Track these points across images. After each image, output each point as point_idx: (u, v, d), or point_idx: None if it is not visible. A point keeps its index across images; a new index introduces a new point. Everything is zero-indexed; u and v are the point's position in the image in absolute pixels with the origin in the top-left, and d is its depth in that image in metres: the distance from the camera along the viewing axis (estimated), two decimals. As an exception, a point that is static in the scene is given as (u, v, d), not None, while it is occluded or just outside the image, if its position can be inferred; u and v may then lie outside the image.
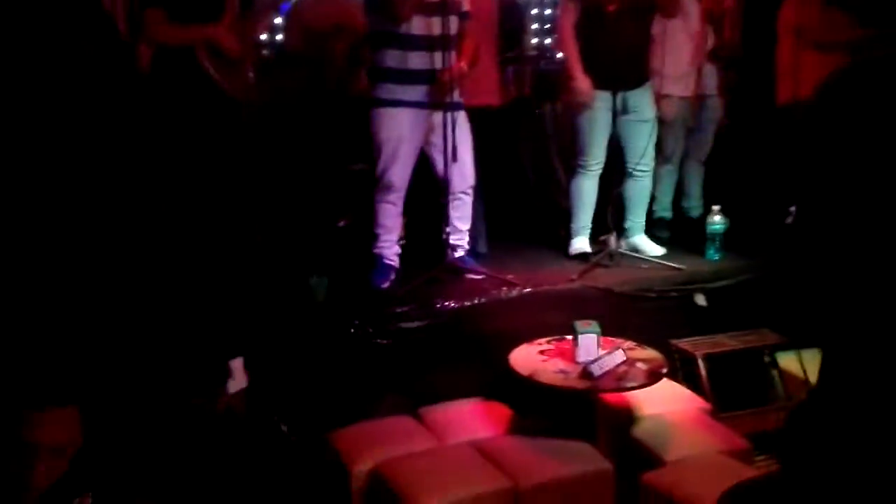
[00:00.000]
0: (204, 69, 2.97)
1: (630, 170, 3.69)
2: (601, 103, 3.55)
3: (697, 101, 4.21)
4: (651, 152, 3.71)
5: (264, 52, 4.81)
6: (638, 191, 3.75)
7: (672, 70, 4.08)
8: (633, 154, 3.63)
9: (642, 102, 3.58)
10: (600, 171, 3.69)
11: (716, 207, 3.72)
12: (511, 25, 4.75)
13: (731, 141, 4.14)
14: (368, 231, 3.41)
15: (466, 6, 3.38)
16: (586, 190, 3.71)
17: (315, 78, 3.88)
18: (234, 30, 3.03)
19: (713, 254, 3.69)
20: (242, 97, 3.11)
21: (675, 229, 4.25)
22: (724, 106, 4.39)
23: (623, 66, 3.48)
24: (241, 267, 3.13)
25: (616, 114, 3.55)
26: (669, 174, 4.27)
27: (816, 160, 1.04)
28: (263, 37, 4.80)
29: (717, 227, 3.67)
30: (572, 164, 3.80)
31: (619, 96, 3.54)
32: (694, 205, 4.42)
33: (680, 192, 4.41)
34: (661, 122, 4.16)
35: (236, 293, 3.04)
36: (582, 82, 3.51)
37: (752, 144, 4.35)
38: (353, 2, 3.79)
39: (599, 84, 3.52)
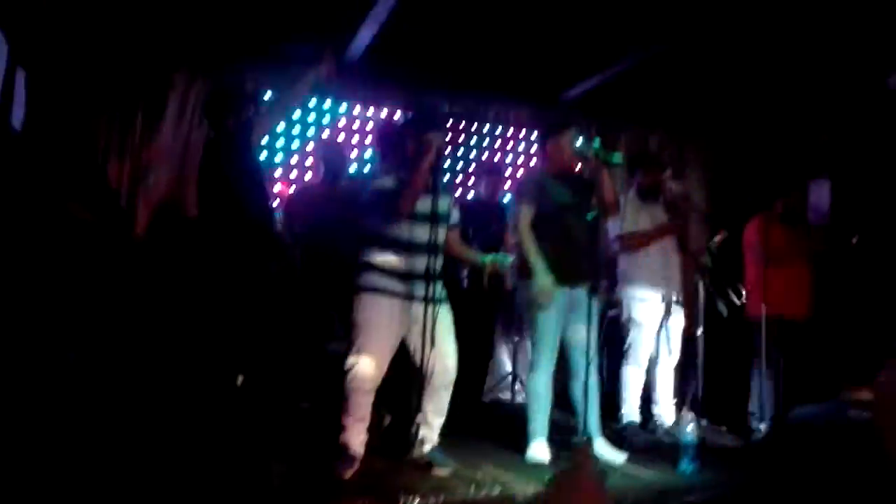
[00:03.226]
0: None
1: (577, 368, 3.65)
2: (554, 300, 3.60)
3: (666, 306, 4.36)
4: (595, 349, 3.65)
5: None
6: (588, 391, 3.60)
7: (645, 274, 4.27)
8: (583, 352, 3.57)
9: (593, 300, 3.55)
10: (553, 368, 3.67)
11: (689, 416, 3.70)
12: (494, 222, 5.03)
13: (707, 351, 4.23)
14: (336, 416, 3.33)
15: (456, 218, 3.57)
16: (541, 388, 3.65)
17: (306, 256, 4.01)
18: None
19: (686, 465, 3.61)
20: None
21: (649, 434, 4.21)
22: (691, 314, 4.54)
23: (574, 264, 3.60)
24: (203, 444, 3.03)
25: (569, 309, 3.63)
26: (638, 377, 4.30)
27: None
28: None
29: (690, 437, 3.62)
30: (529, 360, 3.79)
31: (572, 293, 3.63)
32: (666, 411, 4.41)
33: (651, 398, 4.41)
34: (633, 323, 4.28)
35: (197, 471, 2.91)
36: (543, 278, 3.58)
37: (724, 354, 4.45)
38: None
39: (552, 280, 3.60)
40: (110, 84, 4.63)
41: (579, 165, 3.77)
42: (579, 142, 3.74)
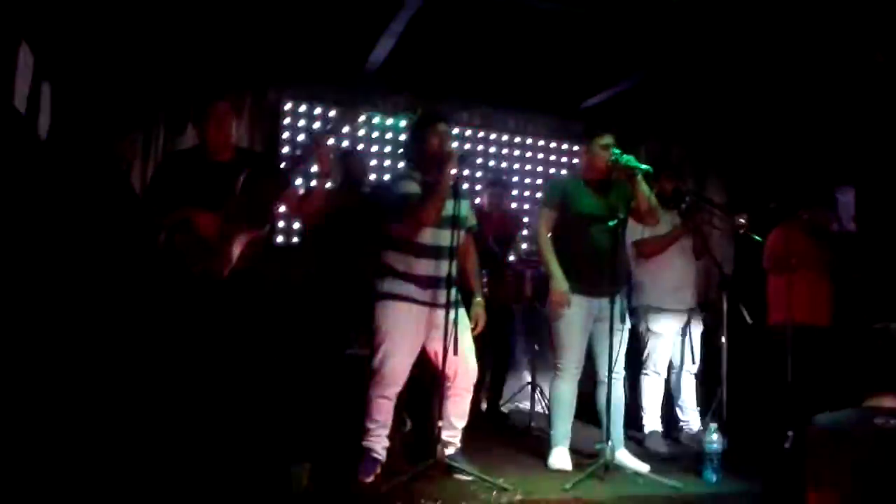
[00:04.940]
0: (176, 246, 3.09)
1: (603, 377, 3.60)
2: (578, 308, 3.57)
3: (686, 314, 4.30)
4: (622, 359, 3.64)
5: (279, 238, 5.04)
6: (612, 400, 3.57)
7: (661, 282, 4.22)
8: (606, 361, 3.53)
9: (616, 310, 3.52)
10: (579, 376, 3.63)
11: (713, 425, 3.65)
12: (508, 232, 5.03)
13: (729, 359, 4.18)
14: (359, 420, 3.32)
15: (473, 220, 3.57)
16: (564, 395, 3.61)
17: (324, 263, 4.01)
18: (219, 217, 3.15)
19: (710, 474, 3.56)
20: (212, 275, 3.13)
21: (673, 443, 4.16)
22: (714, 321, 4.48)
23: (597, 273, 3.53)
24: (224, 449, 3.03)
25: (594, 319, 3.59)
26: (658, 385, 4.25)
27: None
28: (281, 224, 5.05)
29: (715, 446, 3.57)
30: (550, 366, 3.76)
31: (595, 302, 3.58)
32: (692, 417, 4.36)
33: (674, 406, 4.36)
34: (650, 333, 4.22)
35: (218, 475, 2.92)
36: (560, 283, 3.55)
37: (747, 363, 4.39)
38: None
39: (576, 289, 3.56)
40: (133, 94, 4.71)
41: (612, 173, 3.66)
42: (614, 148, 3.62)
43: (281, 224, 5.10)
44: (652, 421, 4.23)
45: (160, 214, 3.13)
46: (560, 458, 3.59)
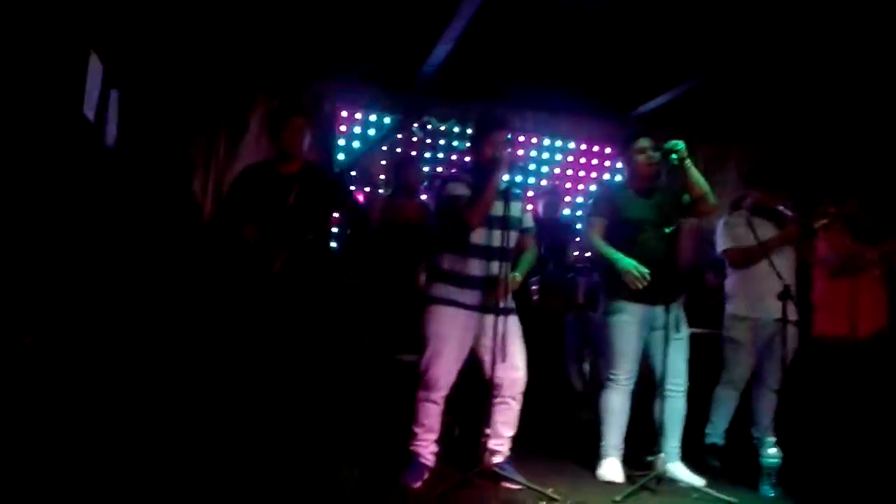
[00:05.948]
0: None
1: (661, 389, 3.52)
2: (631, 316, 3.50)
3: (775, 326, 3.91)
4: (684, 371, 3.56)
5: (333, 244, 5.13)
6: (670, 412, 3.51)
7: (747, 291, 4.03)
8: (664, 372, 3.46)
9: (675, 318, 3.46)
10: (632, 387, 3.56)
11: (770, 439, 3.53)
12: (560, 240, 4.99)
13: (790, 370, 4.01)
14: (408, 425, 3.34)
15: (530, 222, 3.56)
16: (616, 405, 3.55)
17: (377, 269, 4.06)
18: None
19: (768, 490, 3.45)
20: (257, 280, 3.30)
21: (728, 459, 4.02)
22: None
23: (651, 281, 3.43)
24: (274, 450, 3.10)
25: (650, 327, 3.52)
26: (730, 399, 4.03)
27: None
28: (335, 230, 5.14)
29: (772, 460, 3.46)
30: (601, 377, 3.69)
31: (650, 310, 3.50)
32: (764, 434, 4.12)
33: (749, 421, 4.11)
34: (729, 343, 4.06)
35: (271, 478, 2.98)
36: (627, 262, 3.44)
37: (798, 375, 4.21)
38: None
39: (629, 297, 3.48)
40: (196, 104, 4.86)
41: (660, 175, 3.62)
42: (653, 150, 3.58)
43: (335, 230, 5.18)
44: (715, 433, 4.04)
45: (221, 224, 3.29)
46: (611, 469, 3.54)
